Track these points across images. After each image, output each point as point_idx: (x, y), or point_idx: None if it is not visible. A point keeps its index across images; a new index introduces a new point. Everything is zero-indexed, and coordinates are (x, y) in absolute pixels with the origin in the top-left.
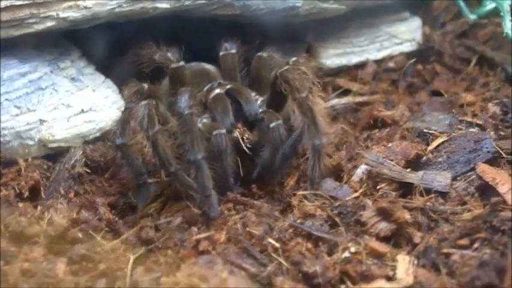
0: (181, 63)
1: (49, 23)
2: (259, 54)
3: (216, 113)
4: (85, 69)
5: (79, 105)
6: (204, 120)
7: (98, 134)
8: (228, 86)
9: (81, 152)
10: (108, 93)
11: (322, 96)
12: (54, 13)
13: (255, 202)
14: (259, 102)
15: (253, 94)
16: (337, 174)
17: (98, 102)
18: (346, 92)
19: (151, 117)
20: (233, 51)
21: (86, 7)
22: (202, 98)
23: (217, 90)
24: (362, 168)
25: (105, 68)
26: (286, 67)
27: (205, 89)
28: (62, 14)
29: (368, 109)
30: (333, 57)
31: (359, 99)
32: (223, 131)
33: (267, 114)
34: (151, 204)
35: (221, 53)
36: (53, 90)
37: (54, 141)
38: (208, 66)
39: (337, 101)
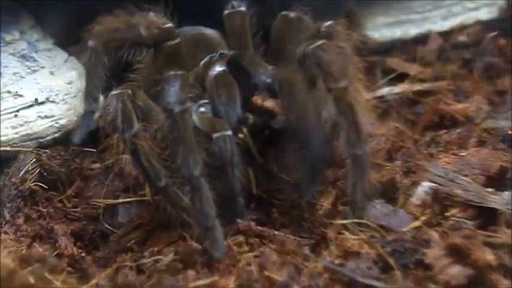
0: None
1: None
2: (283, 13)
3: (217, 103)
4: (40, 43)
5: (31, 93)
6: (202, 110)
7: (57, 135)
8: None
9: (34, 159)
10: (72, 77)
11: (367, 84)
12: None
13: (276, 233)
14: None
15: (269, 68)
16: (390, 194)
17: (58, 89)
18: (401, 77)
19: (127, 114)
20: (242, 8)
21: None
22: (198, 76)
23: (219, 68)
24: (424, 187)
25: (69, 42)
26: (319, 43)
27: (203, 62)
28: None
29: (431, 101)
30: (383, 27)
31: (419, 87)
32: (228, 132)
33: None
34: (130, 235)
35: (226, 12)
36: None
37: None
38: (209, 31)
39: (388, 90)
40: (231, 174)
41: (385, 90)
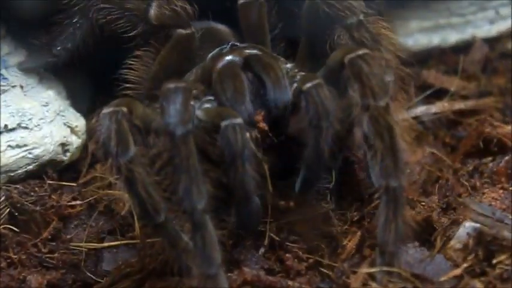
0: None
1: None
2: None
3: (223, 98)
4: (11, 57)
5: (1, 118)
6: (206, 106)
7: (32, 167)
8: (248, 52)
9: (4, 196)
10: (48, 98)
11: (403, 101)
12: None
13: (290, 284)
14: (297, 78)
15: (288, 66)
16: (426, 236)
17: (31, 113)
18: (439, 94)
19: (122, 136)
20: None
21: None
22: (205, 70)
23: (229, 57)
24: (467, 227)
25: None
26: (360, 52)
27: (211, 54)
28: None
29: (475, 122)
30: (417, 33)
31: (460, 105)
32: (238, 120)
33: (301, 78)
34: (117, 285)
35: (241, 1)
36: None
37: None
38: (221, 28)
39: (424, 109)
40: (242, 169)
41: (420, 110)
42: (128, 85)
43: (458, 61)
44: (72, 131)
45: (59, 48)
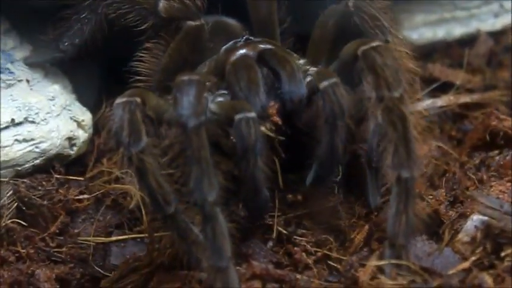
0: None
1: None
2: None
3: (236, 89)
4: (16, 51)
5: (7, 112)
6: (219, 99)
7: (39, 161)
8: (262, 46)
9: (11, 191)
10: (54, 92)
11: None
12: None
13: (299, 277)
14: (309, 73)
15: (301, 61)
16: (433, 229)
17: (38, 107)
18: (444, 87)
19: (134, 126)
20: None
21: None
22: (219, 63)
23: (243, 51)
24: (474, 220)
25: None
26: (374, 44)
27: (225, 47)
28: None
29: (481, 115)
30: (422, 27)
31: (466, 98)
32: (252, 114)
33: (316, 74)
34: (125, 279)
35: None
36: None
37: None
38: (231, 21)
39: (430, 103)
40: (254, 162)
41: (426, 103)
42: (138, 77)
43: (463, 55)
44: (79, 125)
45: (66, 43)
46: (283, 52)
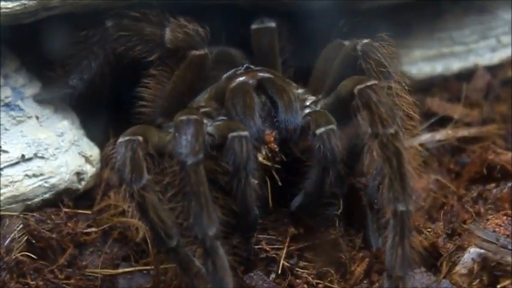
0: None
1: None
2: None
3: (233, 114)
4: (26, 89)
5: (17, 148)
6: (218, 123)
7: (48, 195)
8: (262, 75)
9: (21, 225)
10: (63, 128)
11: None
12: None
13: None
14: (307, 104)
15: (300, 91)
16: (431, 261)
17: (47, 143)
18: (442, 121)
19: (136, 164)
20: (272, 25)
21: None
22: (219, 91)
23: (242, 79)
24: (472, 253)
25: (60, 84)
26: (369, 83)
27: (226, 75)
28: None
29: (479, 149)
30: (421, 61)
31: (464, 132)
32: (245, 133)
33: (314, 115)
34: None
35: (254, 27)
36: None
37: None
38: (233, 51)
39: (428, 137)
40: (245, 180)
41: (424, 137)
42: (142, 102)
43: (461, 89)
44: (87, 160)
45: (75, 79)
46: (282, 81)
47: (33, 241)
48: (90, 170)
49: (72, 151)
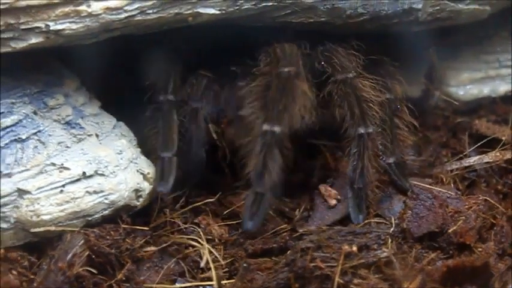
0: None
1: (34, 39)
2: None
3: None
4: (86, 107)
5: (78, 165)
6: None
7: (106, 212)
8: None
9: (83, 240)
10: (122, 146)
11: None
12: (42, 24)
13: None
14: None
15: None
16: (484, 281)
17: (107, 160)
18: (490, 143)
19: None
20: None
21: (91, 14)
22: None
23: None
24: None
25: (117, 106)
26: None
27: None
28: (55, 26)
29: None
30: (468, 84)
31: None
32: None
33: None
34: None
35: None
36: (38, 143)
37: (40, 223)
38: None
39: (476, 159)
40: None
41: (473, 159)
42: None
43: (508, 111)
44: (145, 177)
45: None
46: None
47: (93, 256)
48: (147, 187)
49: (131, 168)
